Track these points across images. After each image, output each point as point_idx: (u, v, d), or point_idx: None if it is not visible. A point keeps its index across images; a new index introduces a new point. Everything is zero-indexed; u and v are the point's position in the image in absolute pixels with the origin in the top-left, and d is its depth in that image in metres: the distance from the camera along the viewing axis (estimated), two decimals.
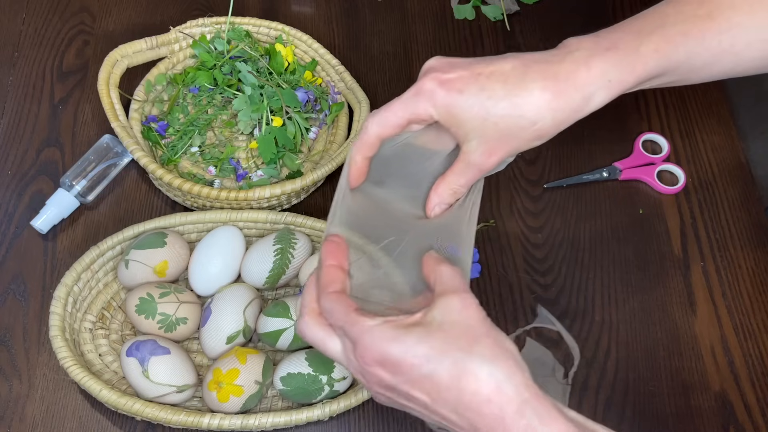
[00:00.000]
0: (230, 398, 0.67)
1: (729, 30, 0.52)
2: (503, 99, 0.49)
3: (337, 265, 0.50)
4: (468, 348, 0.43)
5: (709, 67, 0.53)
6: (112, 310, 0.74)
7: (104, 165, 0.81)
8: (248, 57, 0.86)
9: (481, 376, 0.43)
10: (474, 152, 0.51)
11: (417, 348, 0.44)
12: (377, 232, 0.53)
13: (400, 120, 0.51)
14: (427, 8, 0.97)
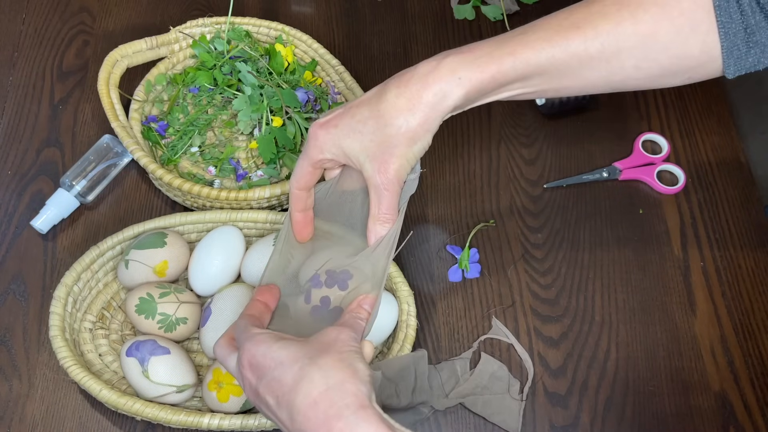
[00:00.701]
0: (230, 398, 0.67)
1: (596, 37, 0.55)
2: (370, 117, 0.55)
3: (264, 302, 0.58)
4: (315, 356, 0.49)
5: (580, 73, 0.57)
6: (112, 310, 0.74)
7: (104, 165, 0.81)
8: (248, 57, 0.86)
9: (315, 379, 0.47)
10: (372, 174, 0.56)
11: (277, 353, 0.50)
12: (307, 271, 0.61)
13: (304, 169, 0.59)
14: (427, 8, 0.97)
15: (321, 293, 0.59)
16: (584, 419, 0.72)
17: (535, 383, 0.73)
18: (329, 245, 0.62)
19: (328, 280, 0.59)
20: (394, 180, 0.56)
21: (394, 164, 0.55)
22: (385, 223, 0.57)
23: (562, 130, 0.89)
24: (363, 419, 0.45)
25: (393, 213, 0.57)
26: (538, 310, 0.77)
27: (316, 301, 0.59)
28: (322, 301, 0.59)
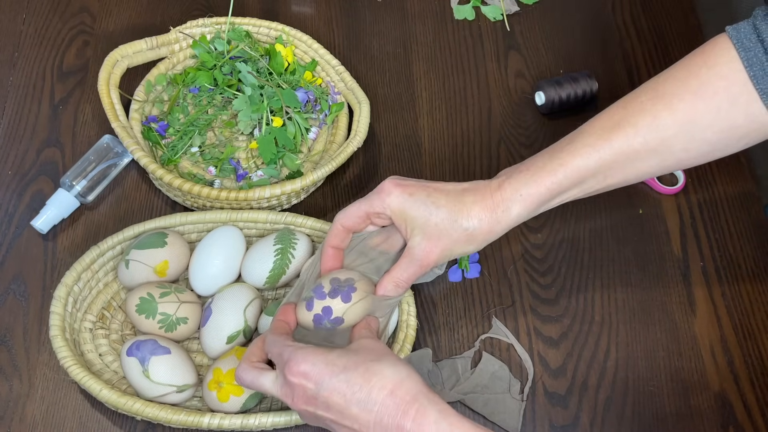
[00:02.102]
0: (230, 398, 0.67)
1: (637, 134, 0.61)
2: (444, 206, 0.61)
3: (286, 321, 0.63)
4: (376, 359, 0.55)
5: (631, 166, 0.62)
6: (113, 309, 0.74)
7: (104, 165, 0.81)
8: (248, 57, 0.86)
9: (386, 373, 0.53)
10: (417, 247, 0.62)
11: (338, 360, 0.54)
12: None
13: (359, 212, 0.64)
14: (427, 8, 0.97)
15: (323, 303, 0.63)
16: (584, 419, 0.72)
17: (535, 383, 0.73)
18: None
19: (332, 291, 0.63)
20: (431, 261, 0.62)
21: (440, 251, 0.62)
22: (398, 287, 0.64)
23: (562, 130, 0.89)
24: (432, 402, 0.52)
25: (409, 284, 0.64)
26: (538, 310, 0.77)
27: (317, 310, 0.63)
28: (324, 310, 0.63)
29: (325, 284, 0.63)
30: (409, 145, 0.87)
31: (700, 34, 0.96)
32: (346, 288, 0.63)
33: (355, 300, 0.62)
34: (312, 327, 0.63)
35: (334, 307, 0.62)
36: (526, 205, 0.62)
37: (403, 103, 0.90)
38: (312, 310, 0.63)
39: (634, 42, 0.95)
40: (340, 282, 0.63)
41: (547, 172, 0.62)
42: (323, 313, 0.62)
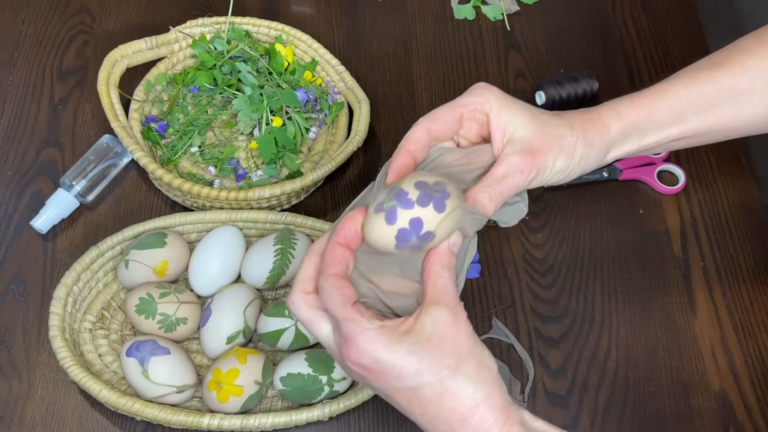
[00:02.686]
0: (230, 398, 0.67)
1: (744, 73, 0.57)
2: (545, 114, 0.55)
3: (345, 245, 0.50)
4: (454, 367, 0.46)
5: (737, 109, 0.57)
6: (112, 310, 0.74)
7: (104, 165, 0.81)
8: (248, 57, 0.86)
9: (462, 396, 0.46)
10: (516, 153, 0.52)
11: (407, 361, 0.46)
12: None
13: (453, 114, 0.54)
14: (427, 8, 0.97)
15: (411, 214, 0.48)
16: (584, 419, 0.72)
17: (535, 383, 0.73)
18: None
19: (421, 198, 0.48)
20: (531, 172, 0.53)
21: (543, 160, 0.53)
22: (492, 199, 0.52)
23: None
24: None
25: (503, 197, 0.52)
26: (538, 310, 0.77)
27: (403, 223, 0.48)
28: (412, 223, 0.48)
29: (408, 189, 0.49)
30: None
31: (701, 33, 0.96)
32: (439, 194, 0.49)
33: (449, 209, 0.49)
34: (392, 246, 0.49)
35: (425, 217, 0.48)
36: (624, 125, 0.56)
37: (404, 103, 0.90)
38: (395, 224, 0.48)
39: (635, 42, 0.95)
40: (429, 186, 0.49)
41: (646, 97, 0.57)
42: (411, 226, 0.48)
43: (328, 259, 0.49)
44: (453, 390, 0.46)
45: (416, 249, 0.49)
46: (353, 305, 0.48)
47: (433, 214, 0.48)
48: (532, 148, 0.53)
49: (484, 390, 0.46)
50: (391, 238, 0.48)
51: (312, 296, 0.50)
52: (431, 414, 0.47)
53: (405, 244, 0.48)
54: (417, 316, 0.47)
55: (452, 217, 0.49)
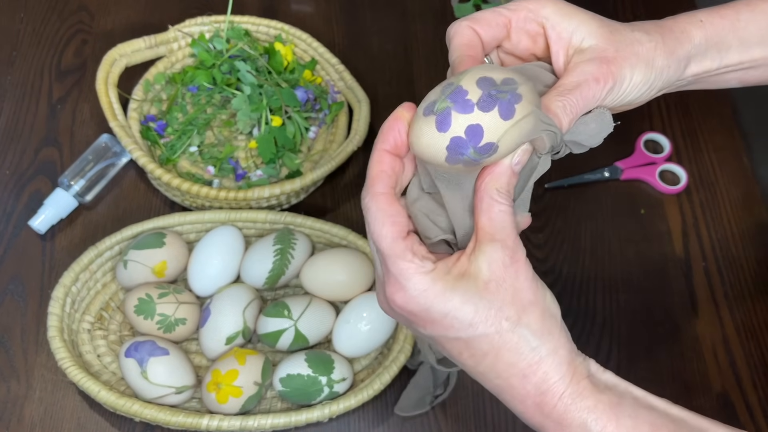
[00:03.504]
0: (229, 399, 0.66)
1: None
2: (612, 23, 0.46)
3: (395, 153, 0.42)
4: (516, 319, 0.40)
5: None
6: (111, 310, 0.74)
7: (102, 165, 0.81)
8: (247, 56, 0.85)
9: (523, 350, 0.41)
10: (587, 62, 0.44)
11: (461, 311, 0.40)
12: None
13: (498, 17, 0.46)
14: (428, 7, 0.97)
15: (468, 119, 0.39)
16: None
17: None
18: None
19: (483, 100, 0.39)
20: (609, 79, 0.44)
21: (619, 68, 0.45)
22: (566, 110, 0.42)
23: None
24: (579, 395, 0.41)
25: (579, 108, 0.43)
26: None
27: (458, 130, 0.39)
28: (469, 131, 0.39)
29: (468, 86, 0.39)
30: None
31: None
32: (508, 95, 0.39)
33: (519, 116, 0.39)
34: (442, 158, 0.39)
35: (487, 125, 0.38)
36: (706, 34, 0.48)
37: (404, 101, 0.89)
38: (448, 131, 0.39)
39: None
40: (496, 84, 0.39)
41: (731, 9, 0.50)
42: (468, 135, 0.39)
43: (375, 172, 0.42)
44: (513, 344, 0.41)
45: (473, 164, 0.40)
46: (405, 238, 0.41)
47: (498, 122, 0.38)
48: (605, 56, 0.44)
49: (548, 344, 0.41)
50: (441, 149, 0.39)
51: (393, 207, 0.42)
52: (486, 366, 0.42)
53: (459, 158, 0.39)
54: (471, 255, 0.41)
55: (521, 126, 0.39)
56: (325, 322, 0.71)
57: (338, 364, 0.69)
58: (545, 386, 0.41)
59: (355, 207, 0.83)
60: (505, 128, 0.39)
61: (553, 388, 0.41)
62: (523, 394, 0.42)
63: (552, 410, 0.42)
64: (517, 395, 0.42)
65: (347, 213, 0.82)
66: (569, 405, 0.41)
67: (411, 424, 0.71)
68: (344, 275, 0.72)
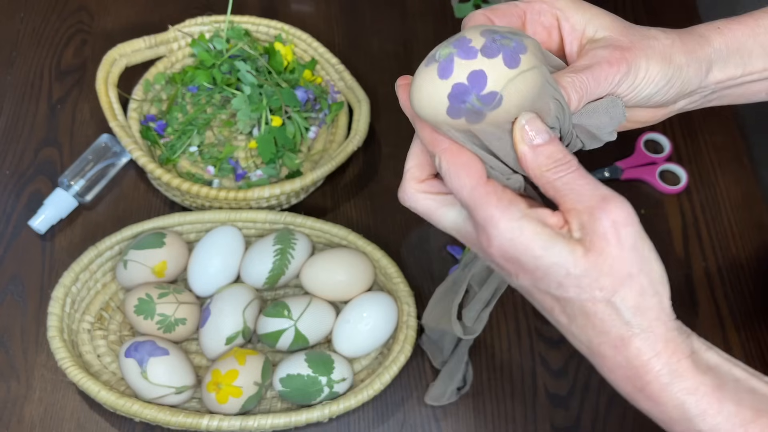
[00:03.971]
0: (229, 399, 0.66)
1: None
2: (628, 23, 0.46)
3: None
4: (611, 290, 0.39)
5: None
6: (111, 310, 0.74)
7: (102, 165, 0.81)
8: (247, 56, 0.85)
9: (615, 323, 0.40)
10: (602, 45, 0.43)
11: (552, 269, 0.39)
12: None
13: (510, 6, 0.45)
14: (428, 6, 0.97)
15: (470, 65, 0.37)
16: (585, 420, 0.71)
17: (535, 384, 0.73)
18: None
19: (486, 47, 0.37)
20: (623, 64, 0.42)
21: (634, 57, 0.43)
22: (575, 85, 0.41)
23: None
24: (678, 376, 0.40)
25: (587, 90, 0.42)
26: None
27: (459, 77, 0.37)
28: (472, 77, 0.37)
29: (472, 35, 0.38)
30: (409, 144, 0.87)
31: None
32: (513, 43, 0.38)
33: (524, 67, 0.37)
34: (443, 109, 0.38)
35: (491, 72, 0.37)
36: (726, 40, 0.47)
37: None
38: (450, 77, 0.37)
39: None
40: (500, 33, 0.38)
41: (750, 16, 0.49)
42: (470, 81, 0.37)
43: (429, 133, 0.41)
44: (605, 315, 0.39)
45: (477, 117, 0.38)
46: (485, 184, 0.39)
47: (502, 69, 0.37)
48: (620, 44, 0.43)
49: (644, 321, 0.40)
50: (443, 98, 0.37)
51: (428, 183, 0.43)
52: (577, 328, 0.41)
53: (461, 107, 0.37)
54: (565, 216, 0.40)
55: (527, 78, 0.37)
56: (325, 322, 0.71)
57: (338, 364, 0.69)
58: (638, 361, 0.40)
59: (355, 207, 0.83)
60: (509, 77, 0.37)
61: (647, 364, 0.40)
62: (614, 364, 0.41)
63: (645, 386, 0.41)
64: (608, 364, 0.41)
65: (347, 213, 0.82)
66: (666, 385, 0.40)
67: (411, 424, 0.71)
68: (344, 275, 0.72)
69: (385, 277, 0.74)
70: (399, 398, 0.72)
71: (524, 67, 0.37)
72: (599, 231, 0.38)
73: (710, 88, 0.48)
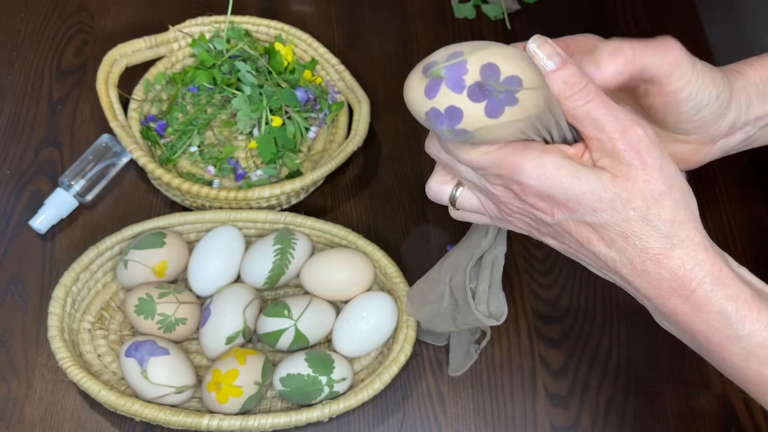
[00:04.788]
0: (229, 399, 0.66)
1: None
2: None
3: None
4: (644, 209, 0.41)
5: None
6: (111, 310, 0.74)
7: (103, 165, 0.81)
8: (247, 56, 0.85)
9: (654, 237, 0.41)
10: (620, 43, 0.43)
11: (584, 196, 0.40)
12: None
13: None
14: (428, 7, 0.97)
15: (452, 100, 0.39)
16: (585, 420, 0.72)
17: (535, 384, 0.73)
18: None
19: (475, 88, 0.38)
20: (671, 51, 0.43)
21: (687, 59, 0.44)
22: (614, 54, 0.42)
23: None
24: (720, 283, 0.42)
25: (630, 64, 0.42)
26: (539, 310, 0.77)
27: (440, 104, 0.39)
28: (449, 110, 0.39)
29: (471, 66, 0.38)
30: (409, 144, 0.87)
31: (702, 33, 0.95)
32: (502, 95, 0.38)
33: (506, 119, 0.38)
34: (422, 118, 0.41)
35: (468, 113, 0.38)
36: (761, 76, 0.48)
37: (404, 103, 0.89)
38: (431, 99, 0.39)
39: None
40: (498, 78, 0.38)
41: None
42: (446, 114, 0.39)
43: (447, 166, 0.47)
44: (642, 232, 0.41)
45: (447, 138, 0.40)
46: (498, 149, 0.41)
47: (480, 116, 0.38)
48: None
49: (681, 233, 0.41)
50: (421, 111, 0.40)
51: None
52: (616, 252, 0.42)
53: (435, 126, 0.40)
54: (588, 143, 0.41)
55: (504, 128, 0.39)
56: (325, 322, 0.71)
57: (338, 363, 0.69)
58: (681, 271, 0.42)
59: (355, 207, 0.83)
60: (484, 124, 0.38)
61: (690, 273, 0.42)
62: (658, 278, 0.42)
63: (691, 294, 0.42)
64: (652, 280, 0.42)
65: (347, 213, 0.82)
66: (709, 291, 0.42)
67: (411, 424, 0.71)
68: (344, 275, 0.72)
69: (385, 277, 0.74)
70: (399, 398, 0.72)
71: (505, 120, 0.38)
72: (624, 159, 0.40)
73: (751, 123, 0.49)
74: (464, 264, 0.59)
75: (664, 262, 0.42)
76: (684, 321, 0.44)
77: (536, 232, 0.46)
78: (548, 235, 0.45)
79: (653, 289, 0.43)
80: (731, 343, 0.43)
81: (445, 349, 0.74)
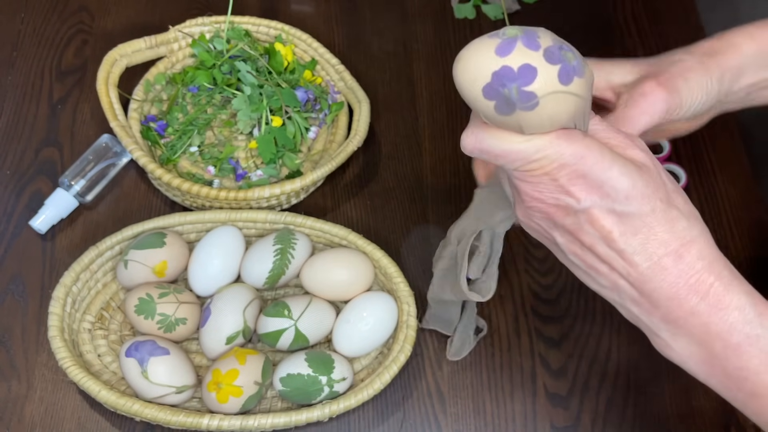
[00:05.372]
0: (229, 399, 0.66)
1: None
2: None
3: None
4: (667, 200, 0.42)
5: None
6: (111, 310, 0.74)
7: (103, 165, 0.81)
8: (247, 56, 0.85)
9: (676, 229, 0.42)
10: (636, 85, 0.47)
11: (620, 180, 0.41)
12: None
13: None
14: (428, 7, 0.97)
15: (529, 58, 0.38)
16: (585, 420, 0.72)
17: (535, 384, 0.73)
18: None
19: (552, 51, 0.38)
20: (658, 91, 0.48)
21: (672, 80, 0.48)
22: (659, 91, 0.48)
23: None
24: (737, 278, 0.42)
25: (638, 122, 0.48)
26: (539, 310, 0.77)
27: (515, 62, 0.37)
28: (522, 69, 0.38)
29: (543, 34, 0.38)
30: (409, 144, 0.87)
31: (702, 32, 0.95)
32: (575, 62, 0.38)
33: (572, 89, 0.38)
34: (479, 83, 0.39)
35: (542, 75, 0.37)
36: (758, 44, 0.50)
37: (404, 103, 0.90)
38: (504, 57, 0.37)
39: (636, 41, 0.95)
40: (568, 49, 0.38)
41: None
42: (520, 73, 0.37)
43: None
44: (667, 222, 0.42)
45: (506, 108, 0.38)
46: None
47: (553, 79, 0.37)
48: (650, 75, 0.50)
49: (697, 225, 0.43)
50: (487, 72, 0.37)
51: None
52: (636, 246, 0.42)
53: (498, 90, 0.37)
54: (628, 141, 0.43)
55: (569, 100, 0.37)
56: (325, 322, 0.71)
57: (338, 363, 0.69)
58: (700, 264, 0.42)
59: (355, 207, 0.83)
60: (555, 89, 0.37)
61: (709, 266, 0.42)
62: (676, 274, 0.42)
63: (709, 289, 0.42)
64: (669, 277, 0.42)
65: (347, 213, 0.82)
66: (728, 285, 0.42)
67: (411, 424, 0.71)
68: (344, 275, 0.72)
69: (385, 277, 0.74)
70: (399, 398, 0.72)
71: (573, 89, 0.38)
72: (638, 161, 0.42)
73: (744, 90, 0.50)
74: (469, 233, 0.59)
75: (684, 255, 0.42)
76: (700, 323, 0.43)
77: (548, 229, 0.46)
78: (562, 228, 0.45)
79: (669, 289, 0.42)
80: (750, 343, 0.42)
81: (446, 347, 0.74)
